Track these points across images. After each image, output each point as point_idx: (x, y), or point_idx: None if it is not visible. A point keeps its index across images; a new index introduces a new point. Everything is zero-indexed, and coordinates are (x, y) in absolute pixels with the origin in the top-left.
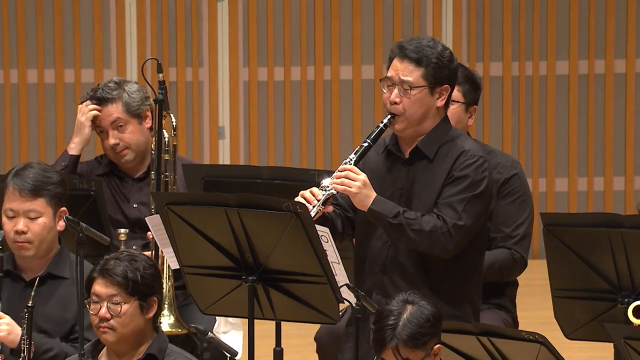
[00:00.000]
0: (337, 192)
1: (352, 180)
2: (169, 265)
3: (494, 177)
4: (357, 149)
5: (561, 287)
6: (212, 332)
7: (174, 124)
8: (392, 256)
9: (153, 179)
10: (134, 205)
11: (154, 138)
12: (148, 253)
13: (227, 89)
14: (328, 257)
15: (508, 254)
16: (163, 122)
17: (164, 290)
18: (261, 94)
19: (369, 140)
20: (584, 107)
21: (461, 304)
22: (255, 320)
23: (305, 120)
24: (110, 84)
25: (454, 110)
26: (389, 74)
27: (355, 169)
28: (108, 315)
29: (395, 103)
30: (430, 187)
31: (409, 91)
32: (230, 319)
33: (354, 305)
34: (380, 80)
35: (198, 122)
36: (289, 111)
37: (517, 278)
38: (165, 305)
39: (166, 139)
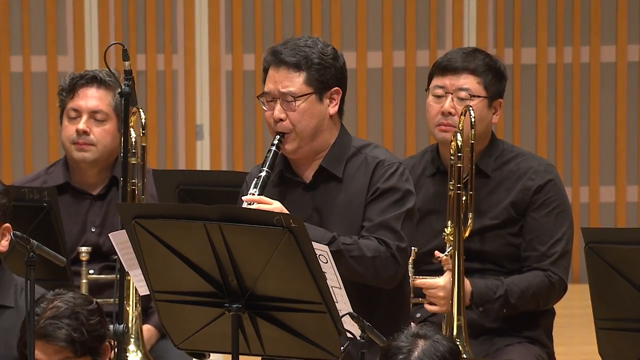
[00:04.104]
0: None
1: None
2: (135, 291)
3: (525, 184)
4: (255, 181)
5: (606, 316)
6: None
7: (143, 121)
8: None
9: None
10: (92, 229)
11: (121, 138)
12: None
13: (206, 79)
14: (328, 281)
15: (544, 277)
16: (131, 119)
17: (130, 320)
18: (247, 85)
19: (265, 169)
20: (634, 100)
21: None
22: (240, 357)
23: None
24: (108, 71)
25: (474, 106)
26: (266, 89)
27: (264, 198)
28: None
29: (281, 120)
30: (349, 210)
31: (292, 103)
32: (211, 355)
33: (359, 338)
34: (258, 96)
35: (172, 119)
36: None
37: (554, 306)
38: (132, 339)
39: (133, 140)
